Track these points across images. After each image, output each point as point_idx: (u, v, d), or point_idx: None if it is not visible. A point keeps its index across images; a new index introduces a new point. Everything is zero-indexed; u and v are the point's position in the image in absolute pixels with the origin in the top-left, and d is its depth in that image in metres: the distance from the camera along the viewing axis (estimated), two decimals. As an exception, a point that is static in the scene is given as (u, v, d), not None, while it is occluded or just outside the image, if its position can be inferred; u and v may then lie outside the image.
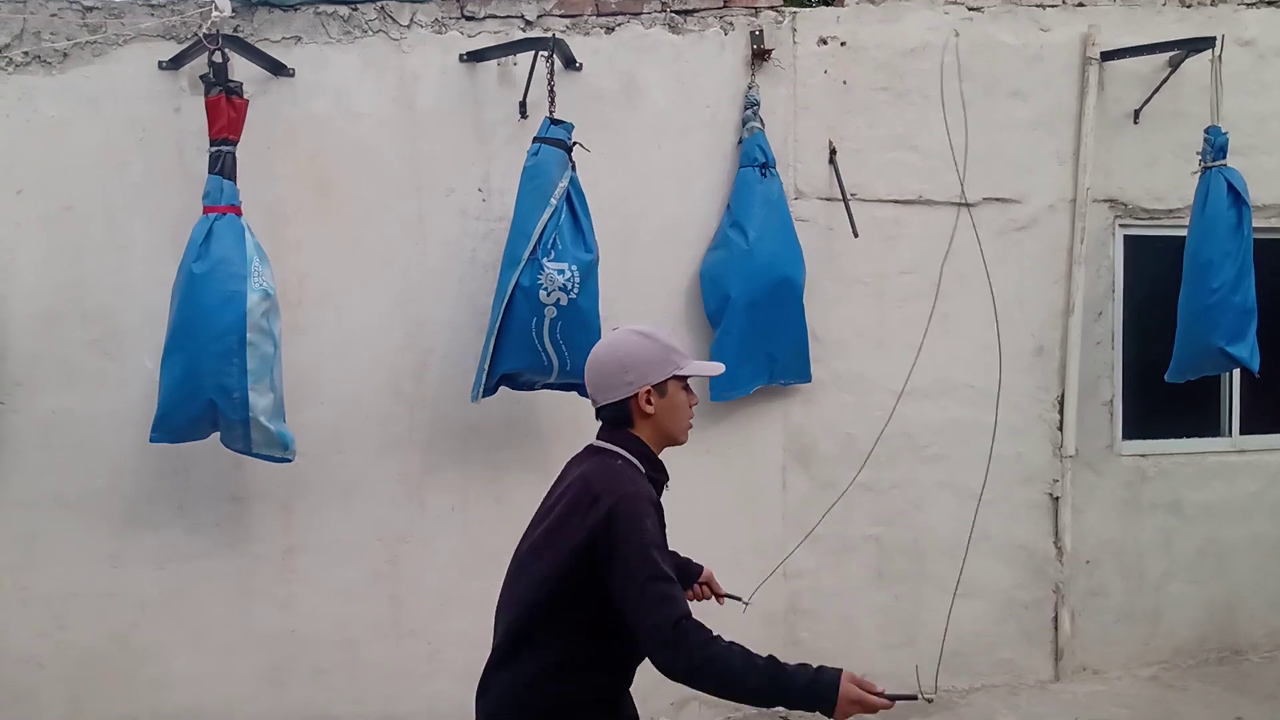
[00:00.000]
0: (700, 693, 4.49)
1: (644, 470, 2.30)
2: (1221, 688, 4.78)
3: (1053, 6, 4.74)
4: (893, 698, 2.07)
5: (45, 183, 3.79)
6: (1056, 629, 4.84)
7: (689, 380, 2.40)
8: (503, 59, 4.09)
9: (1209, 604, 5.07)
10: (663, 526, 2.23)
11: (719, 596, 2.71)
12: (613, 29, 4.25)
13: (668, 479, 2.39)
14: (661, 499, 2.32)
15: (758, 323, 4.17)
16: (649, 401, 2.31)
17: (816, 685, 2.05)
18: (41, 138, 3.79)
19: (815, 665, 2.10)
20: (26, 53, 3.79)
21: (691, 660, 2.07)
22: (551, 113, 3.81)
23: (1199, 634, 5.07)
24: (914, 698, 2.19)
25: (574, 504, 2.21)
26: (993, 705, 4.58)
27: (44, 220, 3.79)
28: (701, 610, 2.29)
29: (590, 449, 2.38)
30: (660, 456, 2.37)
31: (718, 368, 2.57)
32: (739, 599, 2.78)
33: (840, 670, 2.07)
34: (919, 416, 4.63)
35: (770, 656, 2.11)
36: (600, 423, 2.39)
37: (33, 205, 3.79)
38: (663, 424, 2.35)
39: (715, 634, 2.10)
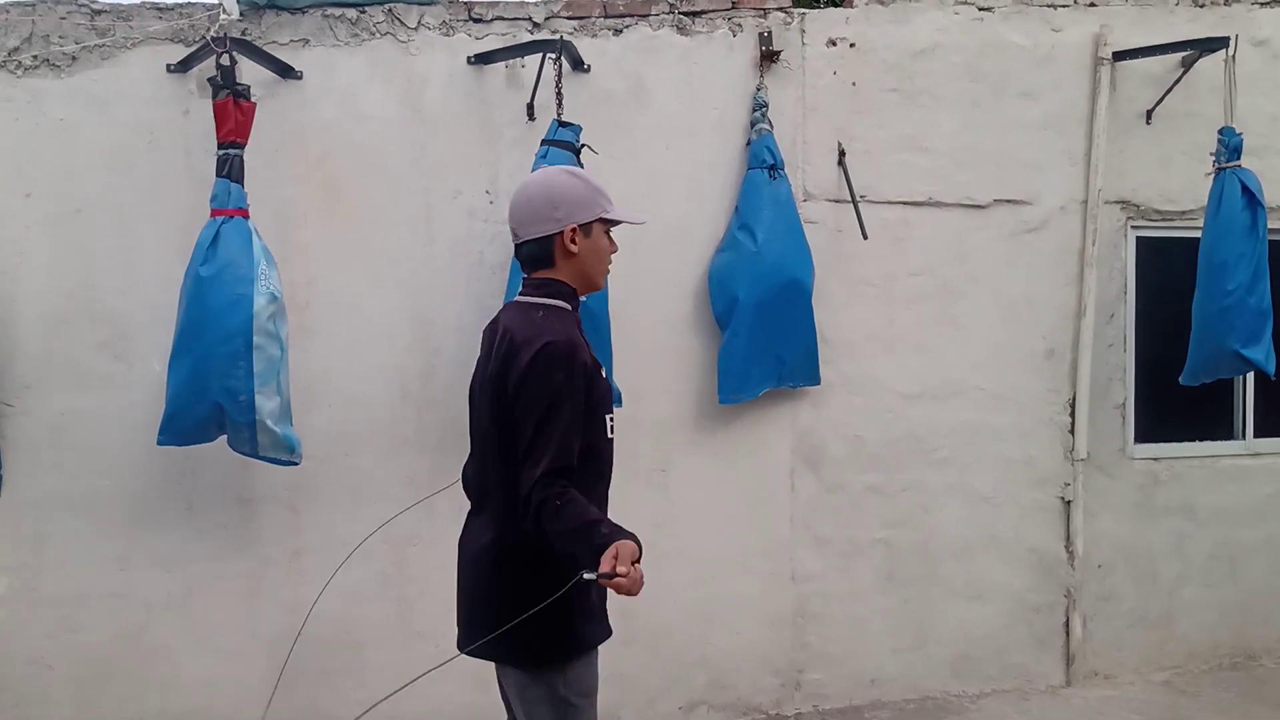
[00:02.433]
0: (708, 696, 4.51)
1: (569, 308, 2.34)
2: (1235, 693, 4.74)
3: (1064, 6, 4.70)
4: (602, 576, 2.02)
5: (54, 186, 3.80)
6: (1068, 633, 4.81)
7: (609, 230, 2.45)
8: (510, 61, 4.09)
9: (1222, 608, 5.02)
10: (585, 372, 2.25)
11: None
12: (620, 31, 4.24)
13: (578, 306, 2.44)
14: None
15: (766, 325, 4.16)
16: (573, 240, 2.33)
17: (604, 543, 2.07)
18: (50, 141, 3.80)
19: (621, 534, 2.11)
20: (35, 56, 3.80)
21: (536, 529, 2.14)
22: (559, 115, 3.81)
23: (1212, 639, 5.03)
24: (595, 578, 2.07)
25: (503, 361, 2.27)
26: (1004, 710, 4.55)
27: (53, 223, 3.80)
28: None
29: (508, 305, 2.43)
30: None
31: (642, 217, 2.60)
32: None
33: (632, 538, 2.09)
34: (929, 419, 4.60)
35: (590, 521, 2.12)
36: (519, 261, 2.41)
37: (41, 208, 3.80)
38: (584, 266, 2.38)
39: (552, 501, 2.11)
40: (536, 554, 2.22)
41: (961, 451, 4.65)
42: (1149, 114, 4.81)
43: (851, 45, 4.47)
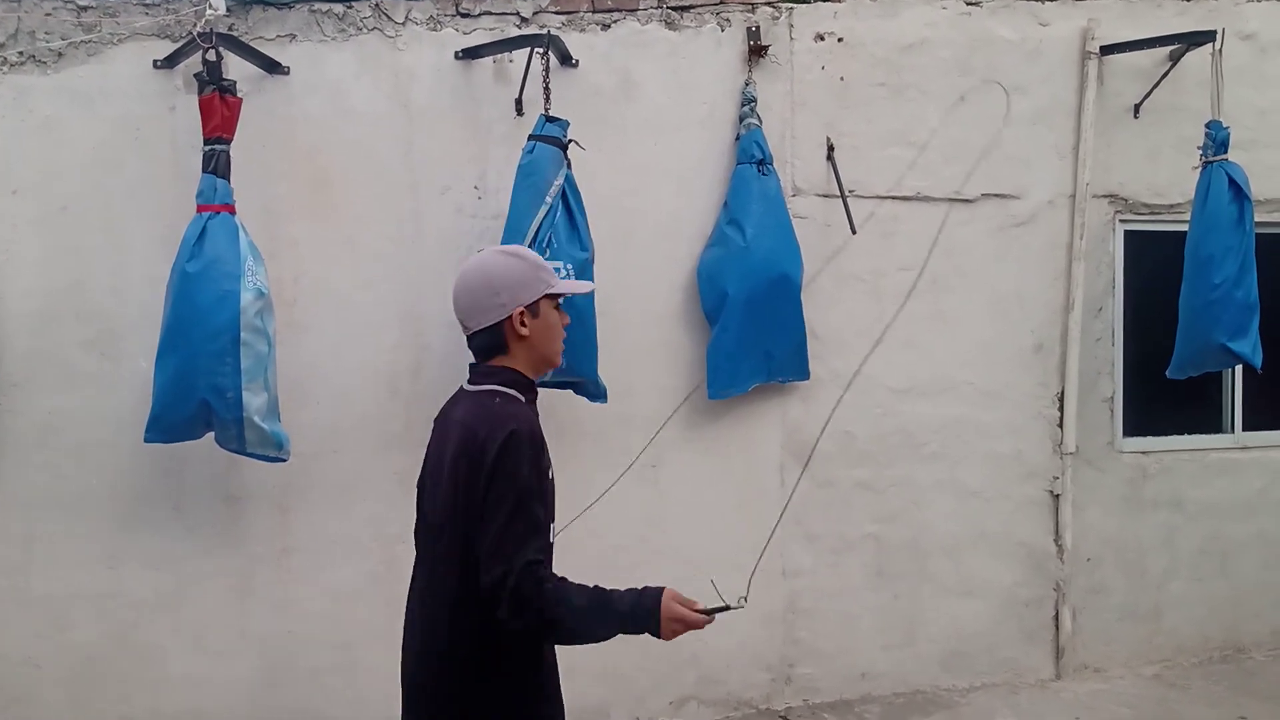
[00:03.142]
0: (698, 691, 4.51)
1: (524, 399, 2.26)
2: (1225, 686, 4.76)
3: (1052, 0, 4.71)
4: (710, 611, 2.11)
5: (40, 183, 3.78)
6: (1057, 627, 4.82)
7: (558, 303, 2.37)
8: (498, 56, 4.08)
9: (1212, 602, 5.04)
10: (545, 464, 2.20)
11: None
12: (609, 26, 4.23)
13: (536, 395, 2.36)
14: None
15: (756, 320, 4.16)
16: (523, 323, 2.25)
17: (639, 610, 2.07)
18: (36, 137, 3.78)
19: (640, 588, 2.10)
20: (21, 52, 3.78)
21: (525, 621, 2.05)
22: (547, 110, 3.80)
23: (1202, 632, 5.04)
24: (728, 608, 2.19)
25: (461, 455, 2.16)
26: (993, 704, 4.56)
27: (39, 220, 3.78)
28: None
29: (461, 393, 2.33)
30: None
31: (588, 286, 2.56)
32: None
33: (662, 589, 2.08)
34: (918, 414, 4.61)
35: (596, 590, 2.09)
36: (471, 353, 2.33)
37: (28, 205, 3.78)
38: (538, 346, 2.29)
39: (545, 584, 2.05)
40: (477, 663, 2.16)
41: (951, 446, 4.66)
42: (1137, 108, 4.82)
43: (840, 40, 4.47)
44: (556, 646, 2.28)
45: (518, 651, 2.16)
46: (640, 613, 2.08)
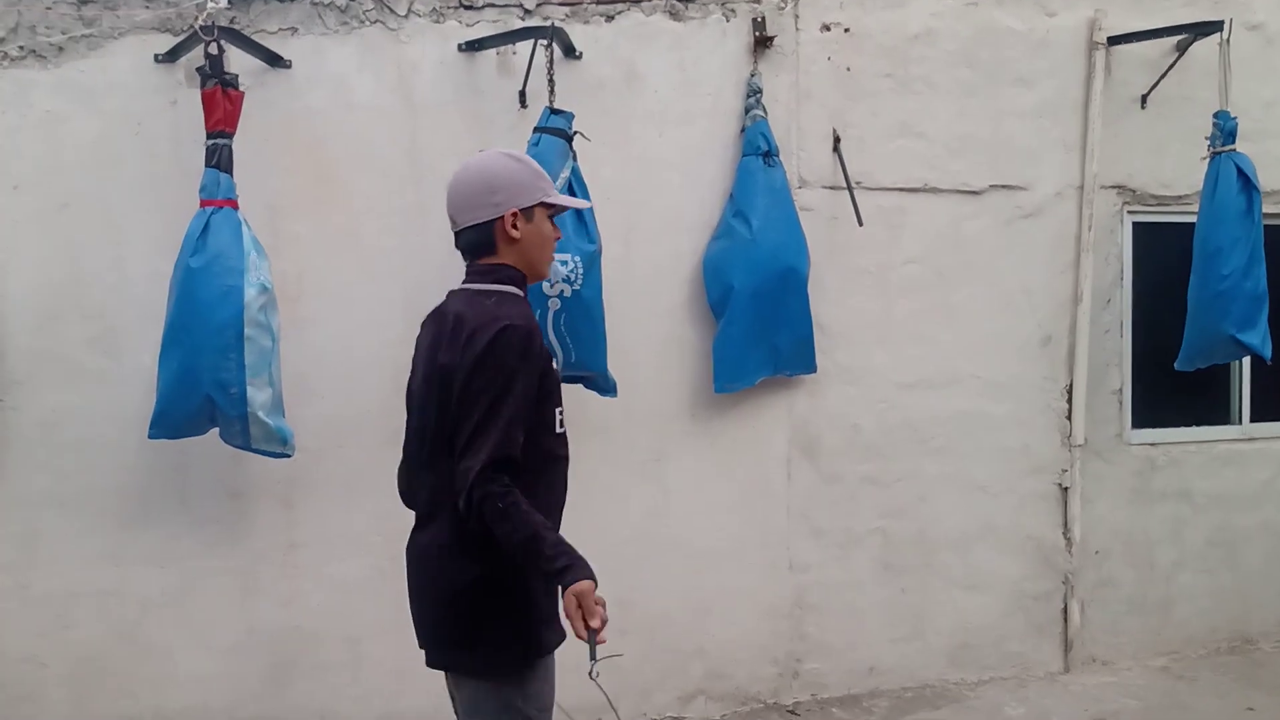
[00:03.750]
0: (706, 686, 4.49)
1: (521, 293, 2.24)
2: (1233, 678, 4.74)
3: (1058, -10, 4.69)
4: (592, 644, 2.03)
5: (42, 179, 3.75)
6: (1066, 620, 4.80)
7: (553, 215, 2.34)
8: (502, 48, 4.05)
9: (1220, 593, 5.03)
10: (540, 360, 2.17)
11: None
12: (613, 17, 4.20)
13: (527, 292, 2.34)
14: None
15: (762, 313, 4.13)
16: (514, 226, 2.23)
17: (557, 578, 2.04)
18: (37, 133, 3.75)
19: (572, 562, 2.04)
20: (21, 47, 3.75)
21: (472, 521, 2.06)
22: (552, 102, 3.77)
23: (1210, 624, 5.03)
24: (593, 659, 2.07)
25: (458, 349, 2.13)
26: (1001, 697, 4.55)
27: (41, 217, 3.76)
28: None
29: (454, 293, 2.30)
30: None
31: (585, 203, 2.56)
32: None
33: (589, 576, 2.03)
34: (925, 407, 4.59)
35: (535, 533, 2.05)
36: (460, 252, 2.31)
37: (29, 201, 3.75)
38: (527, 252, 2.27)
39: (495, 499, 2.03)
40: (480, 564, 2.15)
41: (958, 440, 4.64)
42: (1144, 99, 4.79)
43: (846, 30, 4.44)
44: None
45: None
46: (554, 583, 2.06)
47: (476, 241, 2.27)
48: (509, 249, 2.26)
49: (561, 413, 2.31)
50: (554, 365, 2.27)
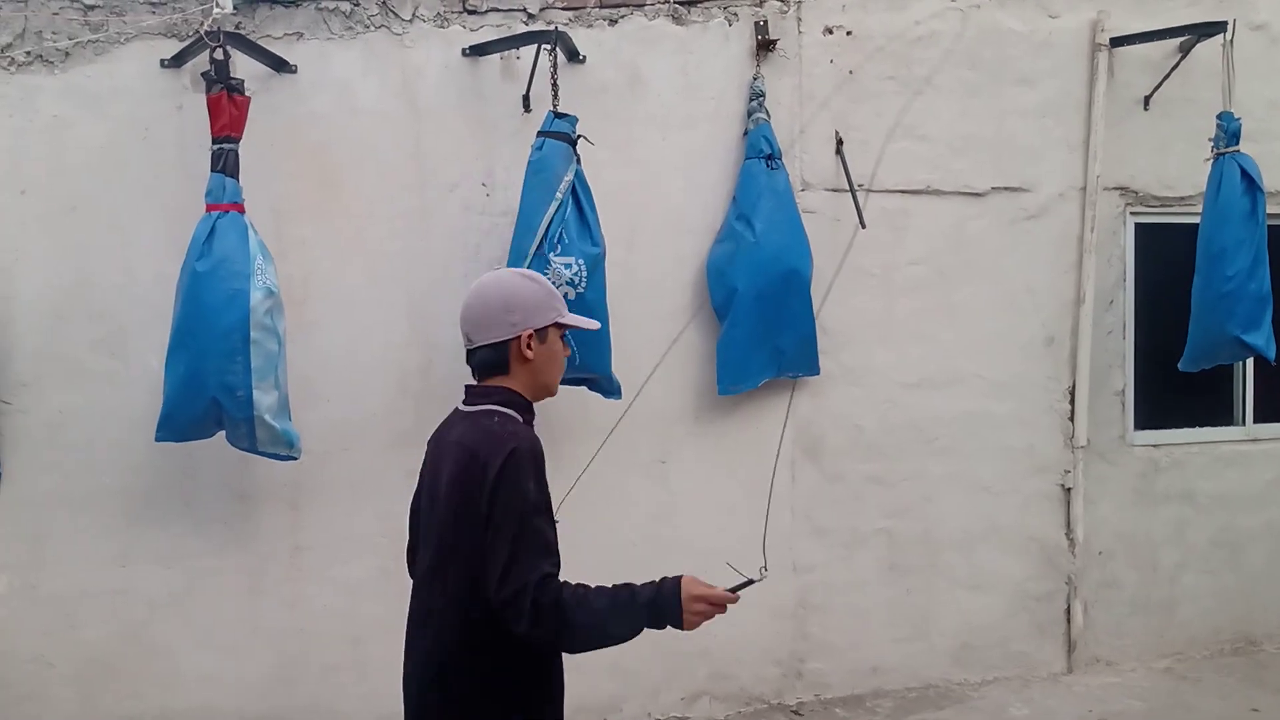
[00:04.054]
0: (710, 686, 4.50)
1: (522, 419, 2.23)
2: (1237, 679, 4.75)
3: (1060, -8, 4.69)
4: (735, 589, 2.12)
5: (49, 183, 3.78)
6: (1069, 621, 4.81)
7: (563, 334, 2.34)
8: (505, 53, 4.07)
9: (1223, 594, 5.03)
10: (546, 482, 2.17)
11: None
12: (616, 21, 4.22)
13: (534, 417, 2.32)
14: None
15: (765, 315, 4.15)
16: (529, 346, 2.22)
17: (660, 598, 2.07)
18: (44, 137, 3.77)
19: (658, 579, 2.09)
20: (29, 52, 3.77)
21: (547, 632, 2.04)
22: (555, 106, 3.79)
23: (1213, 625, 5.03)
24: (752, 581, 2.19)
25: (462, 479, 2.13)
26: (1005, 698, 4.56)
27: (48, 220, 3.78)
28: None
29: (456, 414, 2.30)
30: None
31: (594, 324, 2.48)
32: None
33: (680, 576, 2.09)
34: (929, 408, 4.60)
35: (614, 588, 2.08)
36: (471, 369, 2.30)
37: (37, 205, 3.78)
38: (540, 372, 2.27)
39: (563, 592, 2.04)
40: (483, 677, 2.17)
41: (962, 440, 4.65)
42: (1147, 100, 4.80)
43: (848, 33, 4.45)
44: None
45: (524, 664, 2.16)
46: (661, 601, 2.08)
47: (491, 361, 2.26)
48: (521, 368, 2.25)
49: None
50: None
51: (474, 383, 2.31)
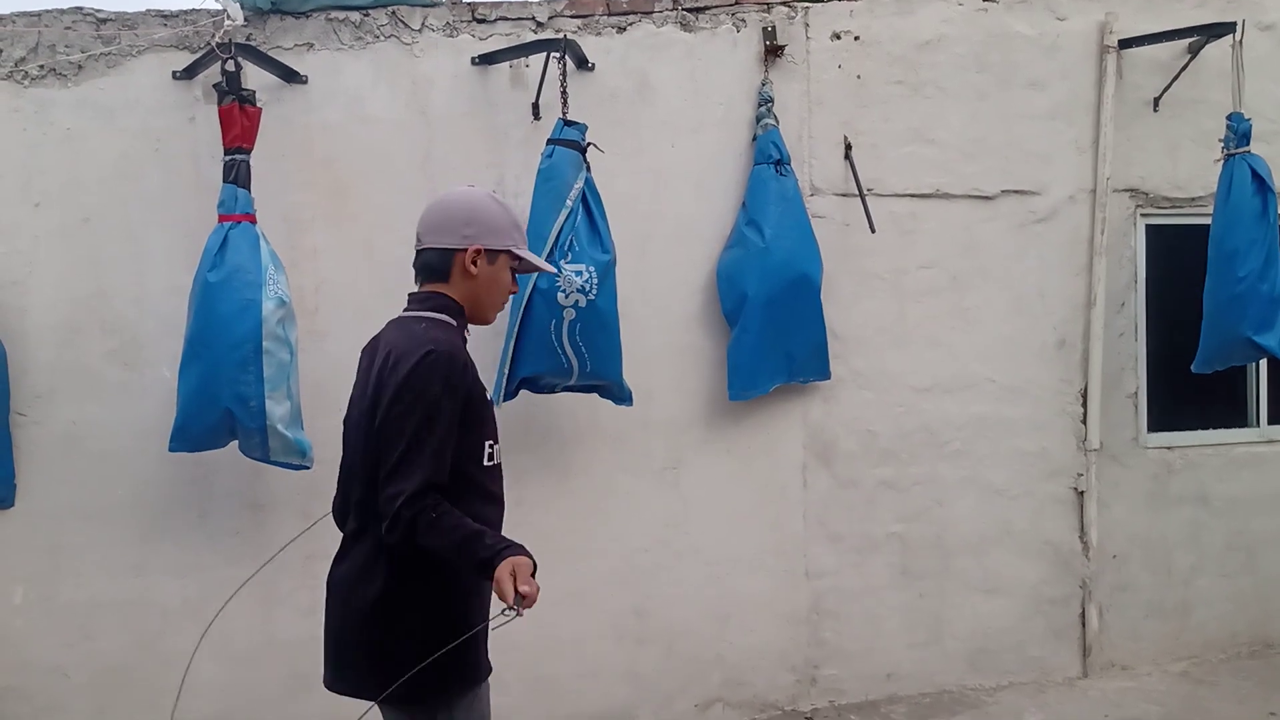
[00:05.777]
0: (724, 693, 4.49)
1: (455, 323, 2.25)
2: (1254, 682, 4.71)
3: (1068, -5, 4.69)
4: (515, 610, 1.97)
5: (62, 195, 3.80)
6: (1084, 625, 4.79)
7: (515, 271, 2.37)
8: (515, 61, 4.08)
9: (1239, 597, 5.00)
10: (468, 386, 2.18)
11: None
12: (624, 28, 4.23)
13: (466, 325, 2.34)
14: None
15: (776, 321, 4.14)
16: (474, 262, 2.25)
17: (490, 565, 2.01)
18: (58, 150, 3.80)
19: (503, 545, 2.05)
20: (42, 66, 3.80)
21: (402, 543, 2.06)
22: (565, 114, 3.80)
23: (1229, 628, 5.00)
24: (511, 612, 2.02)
25: (377, 379, 2.19)
26: (1020, 703, 4.54)
27: (61, 232, 3.81)
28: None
29: (390, 323, 2.35)
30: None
31: (550, 267, 2.56)
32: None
33: (520, 553, 2.02)
34: (941, 412, 4.59)
35: (465, 538, 2.05)
36: (415, 271, 2.35)
37: (50, 218, 3.80)
38: (479, 292, 2.29)
39: (423, 512, 2.04)
40: (429, 596, 2.15)
41: (974, 444, 4.64)
42: (1156, 101, 4.79)
43: (856, 38, 4.46)
44: None
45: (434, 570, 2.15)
46: (491, 568, 2.02)
47: (433, 265, 2.30)
48: (461, 282, 2.28)
49: (494, 445, 2.30)
50: (487, 398, 2.27)
51: (415, 289, 2.35)
